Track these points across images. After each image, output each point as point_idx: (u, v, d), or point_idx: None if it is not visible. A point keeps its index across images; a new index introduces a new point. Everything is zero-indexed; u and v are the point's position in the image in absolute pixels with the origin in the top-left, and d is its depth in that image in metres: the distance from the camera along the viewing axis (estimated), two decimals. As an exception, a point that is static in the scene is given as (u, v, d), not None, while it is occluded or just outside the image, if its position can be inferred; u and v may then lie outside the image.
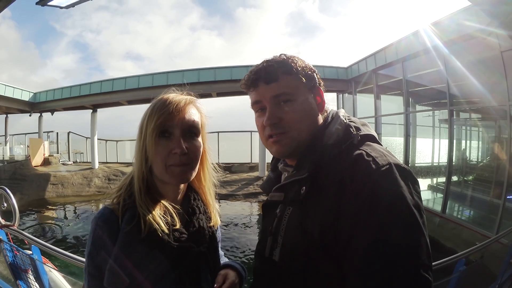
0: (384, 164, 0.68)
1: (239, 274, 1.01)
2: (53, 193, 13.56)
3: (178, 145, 0.83)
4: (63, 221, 10.58)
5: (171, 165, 0.84)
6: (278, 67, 0.84)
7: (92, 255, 0.81)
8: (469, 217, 7.58)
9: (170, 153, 0.83)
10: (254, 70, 0.87)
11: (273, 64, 0.85)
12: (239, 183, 13.85)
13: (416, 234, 0.62)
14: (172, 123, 0.84)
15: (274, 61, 0.86)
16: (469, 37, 6.81)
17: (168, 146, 0.84)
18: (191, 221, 0.91)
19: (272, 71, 0.84)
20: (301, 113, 0.83)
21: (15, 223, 2.34)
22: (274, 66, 0.85)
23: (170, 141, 0.84)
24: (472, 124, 8.54)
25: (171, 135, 0.84)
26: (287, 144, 0.84)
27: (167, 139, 0.84)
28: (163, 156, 0.83)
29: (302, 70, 0.85)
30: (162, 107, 0.84)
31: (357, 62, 13.00)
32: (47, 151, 17.27)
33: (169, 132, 0.84)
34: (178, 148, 0.83)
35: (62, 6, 3.73)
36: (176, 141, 0.84)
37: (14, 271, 2.28)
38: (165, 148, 0.83)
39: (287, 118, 0.82)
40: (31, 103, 16.50)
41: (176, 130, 0.85)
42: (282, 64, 0.85)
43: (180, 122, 0.85)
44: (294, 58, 0.87)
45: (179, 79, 13.86)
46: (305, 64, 0.87)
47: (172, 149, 0.83)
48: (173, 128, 0.84)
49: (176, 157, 0.84)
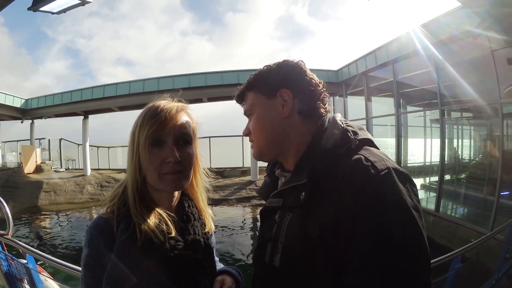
0: (383, 169, 0.69)
1: (235, 280, 1.00)
2: (46, 200, 13.38)
3: (171, 153, 0.83)
4: (56, 228, 10.46)
5: (164, 173, 0.84)
6: (245, 87, 0.95)
7: (89, 265, 0.80)
8: (463, 215, 7.65)
9: (163, 161, 0.84)
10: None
11: (242, 87, 0.96)
12: (231, 187, 13.83)
13: (416, 237, 0.63)
14: (165, 132, 0.84)
15: (248, 79, 0.95)
16: (459, 38, 6.90)
17: (161, 155, 0.84)
18: (186, 229, 0.91)
19: (239, 94, 0.97)
20: (258, 124, 0.91)
21: (9, 232, 2.30)
22: (242, 88, 0.96)
23: (163, 149, 0.84)
24: (464, 123, 8.65)
25: (164, 144, 0.84)
26: (254, 150, 0.94)
27: (160, 148, 0.84)
28: (156, 165, 0.84)
29: (261, 82, 0.91)
30: (154, 115, 0.84)
31: (348, 64, 13.03)
32: (39, 158, 17.04)
33: (162, 141, 0.84)
34: (172, 156, 0.83)
35: (53, 12, 3.71)
36: (169, 150, 0.84)
37: (9, 281, 2.24)
38: (158, 157, 0.83)
39: (251, 130, 0.93)
40: (22, 109, 16.29)
41: (168, 139, 0.85)
42: (248, 83, 0.94)
43: (173, 130, 0.85)
44: (262, 70, 0.93)
45: (170, 85, 13.86)
46: (272, 71, 0.91)
47: (165, 158, 0.83)
48: (165, 137, 0.84)
49: (169, 166, 0.84)
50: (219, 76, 14.03)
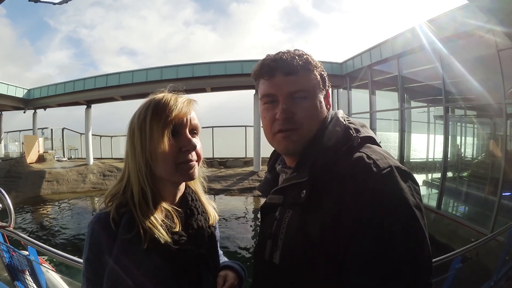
0: (385, 167, 0.68)
1: (238, 275, 1.00)
2: (48, 190, 13.47)
3: (188, 142, 0.85)
4: (58, 217, 10.56)
5: (181, 162, 0.84)
6: (299, 61, 0.82)
7: (90, 260, 0.80)
8: (464, 214, 7.66)
9: (180, 151, 0.84)
10: (272, 58, 0.84)
11: (294, 57, 0.82)
12: (234, 178, 13.80)
13: (418, 237, 0.63)
14: (181, 122, 0.85)
15: (294, 54, 0.84)
16: (466, 35, 6.83)
17: (177, 144, 0.84)
18: (189, 223, 0.90)
19: (292, 64, 0.81)
20: (314, 111, 0.83)
21: (11, 224, 2.31)
22: (295, 59, 0.82)
23: (179, 139, 0.85)
24: (468, 121, 8.62)
25: (178, 134, 0.85)
26: (296, 141, 0.81)
27: (176, 138, 0.84)
28: (173, 154, 0.83)
29: (321, 70, 0.86)
30: (168, 106, 0.84)
31: (352, 57, 12.95)
32: (42, 147, 17.11)
33: (178, 131, 0.85)
34: (190, 145, 0.85)
35: (55, 3, 3.67)
36: (186, 139, 0.85)
37: (11, 272, 2.27)
38: (175, 146, 0.84)
39: (301, 114, 0.81)
40: (25, 99, 16.31)
41: (184, 129, 0.86)
42: (303, 59, 0.83)
43: (187, 121, 0.86)
44: (311, 56, 0.86)
45: (173, 74, 13.87)
46: (320, 64, 0.88)
47: (182, 147, 0.84)
48: (182, 127, 0.85)
49: (186, 154, 0.85)
50: (222, 66, 13.95)
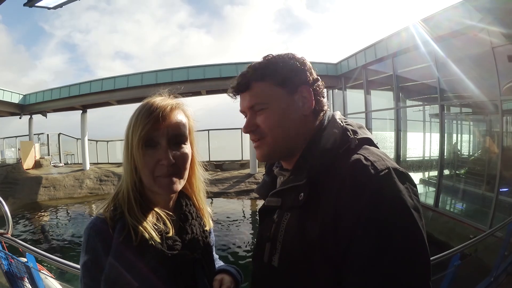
0: (383, 169, 0.68)
1: (234, 279, 1.00)
2: (45, 196, 13.37)
3: (165, 155, 0.81)
4: (56, 224, 10.50)
5: (158, 176, 0.82)
6: (250, 75, 0.84)
7: (87, 265, 0.80)
8: (462, 211, 7.68)
9: (157, 163, 0.81)
10: (236, 77, 0.88)
11: (245, 73, 0.86)
12: (230, 180, 13.79)
13: (416, 238, 0.63)
14: (158, 133, 0.81)
15: (250, 67, 0.86)
16: (460, 33, 6.88)
17: (155, 157, 0.81)
18: (184, 228, 0.90)
19: (242, 81, 0.85)
20: (275, 120, 0.83)
21: (8, 231, 2.30)
22: (246, 75, 0.85)
23: (156, 151, 0.81)
24: (463, 119, 8.67)
25: (157, 145, 0.81)
26: (264, 150, 0.85)
27: (153, 149, 0.81)
28: (150, 167, 0.81)
29: (278, 74, 0.83)
30: (147, 115, 0.81)
31: (347, 58, 12.96)
32: (38, 153, 17.00)
33: (155, 142, 0.81)
34: (165, 159, 0.81)
35: (50, 7, 3.65)
36: (162, 151, 0.81)
37: (10, 279, 2.26)
38: (152, 158, 0.81)
39: (262, 126, 0.83)
40: (21, 105, 16.21)
41: (162, 140, 0.82)
42: (255, 71, 0.84)
43: (166, 131, 0.82)
44: (273, 60, 0.85)
45: (168, 78, 13.87)
46: (288, 64, 0.85)
47: (159, 160, 0.81)
48: (158, 138, 0.81)
49: (163, 168, 0.81)
50: (217, 69, 14.00)
